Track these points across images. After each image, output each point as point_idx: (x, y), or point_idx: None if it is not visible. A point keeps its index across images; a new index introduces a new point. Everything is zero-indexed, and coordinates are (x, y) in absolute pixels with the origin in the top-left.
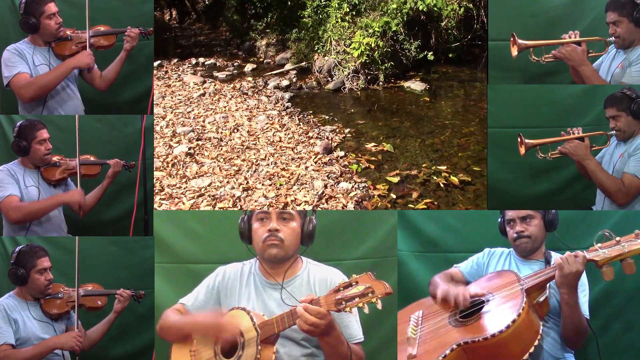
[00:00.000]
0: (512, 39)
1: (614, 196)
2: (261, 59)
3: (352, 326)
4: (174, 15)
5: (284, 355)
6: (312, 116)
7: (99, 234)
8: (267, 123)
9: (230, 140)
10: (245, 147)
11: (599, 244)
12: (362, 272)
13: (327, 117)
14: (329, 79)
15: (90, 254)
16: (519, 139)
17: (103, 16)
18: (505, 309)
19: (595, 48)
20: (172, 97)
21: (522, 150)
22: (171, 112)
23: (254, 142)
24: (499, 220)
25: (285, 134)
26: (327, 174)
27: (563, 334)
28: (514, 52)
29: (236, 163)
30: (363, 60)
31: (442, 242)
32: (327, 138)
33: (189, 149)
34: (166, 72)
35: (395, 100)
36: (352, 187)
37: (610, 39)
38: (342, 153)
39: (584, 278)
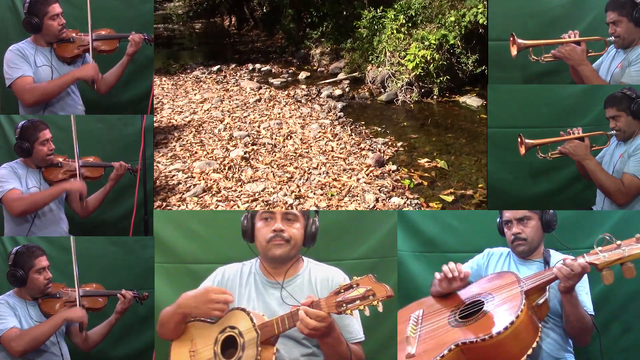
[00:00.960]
0: (511, 38)
1: (613, 196)
2: (315, 67)
3: (352, 326)
4: (233, 22)
5: (284, 355)
6: (364, 127)
7: (99, 234)
8: (319, 132)
9: (284, 147)
10: (298, 154)
11: (600, 248)
12: (362, 272)
13: (379, 129)
14: (382, 90)
15: (91, 254)
16: (519, 139)
17: (103, 16)
18: (505, 310)
19: (595, 48)
20: (229, 101)
21: (522, 150)
22: (228, 116)
23: (307, 150)
24: (498, 220)
25: (337, 144)
26: (378, 188)
27: (568, 331)
28: (514, 51)
29: (289, 170)
30: (417, 73)
31: (442, 242)
32: (379, 150)
33: (245, 153)
34: (224, 76)
35: (450, 115)
36: (404, 203)
37: (610, 38)
38: (394, 167)
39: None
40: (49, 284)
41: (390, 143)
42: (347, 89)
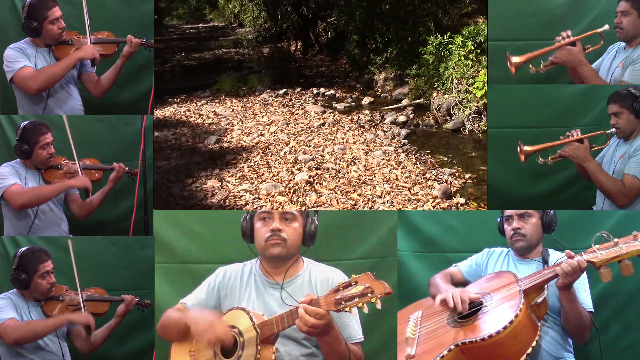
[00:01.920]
0: (507, 57)
1: (614, 197)
2: (378, 93)
3: (351, 326)
4: (298, 47)
5: (284, 354)
6: (429, 156)
7: (99, 234)
8: (383, 159)
9: (347, 172)
10: (361, 181)
11: (597, 246)
12: (362, 272)
13: (445, 158)
14: (448, 118)
15: (91, 254)
16: (518, 148)
17: (102, 17)
18: (503, 310)
19: (593, 43)
20: (295, 125)
21: (522, 157)
22: (294, 139)
23: (370, 177)
24: (499, 219)
25: (401, 172)
26: None
27: (567, 328)
28: (512, 70)
29: (353, 197)
30: (486, 101)
31: (442, 242)
32: (446, 182)
33: (309, 177)
34: (290, 99)
35: None
36: None
37: (605, 29)
38: (462, 200)
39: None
40: (53, 287)
41: (457, 174)
42: (411, 116)
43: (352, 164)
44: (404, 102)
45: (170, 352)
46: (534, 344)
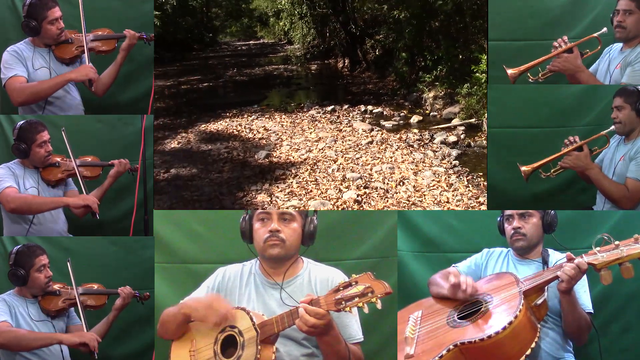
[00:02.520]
0: (505, 69)
1: (619, 202)
2: (427, 112)
3: (351, 326)
4: (346, 64)
5: (284, 355)
6: (482, 179)
7: (99, 234)
8: (433, 180)
9: (396, 192)
10: (411, 202)
11: (598, 248)
12: (362, 272)
13: None
14: None
15: (91, 254)
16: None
17: (103, 16)
18: (503, 311)
19: (591, 47)
20: (342, 142)
21: (525, 176)
22: (342, 156)
23: (420, 199)
24: (498, 219)
25: (452, 195)
26: None
27: (566, 330)
28: (512, 80)
29: None
30: None
31: (442, 242)
32: None
33: (357, 195)
34: (338, 116)
35: None
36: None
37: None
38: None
39: None
40: (49, 281)
41: None
42: (462, 136)
43: (401, 184)
44: (455, 121)
45: (170, 352)
46: (533, 345)
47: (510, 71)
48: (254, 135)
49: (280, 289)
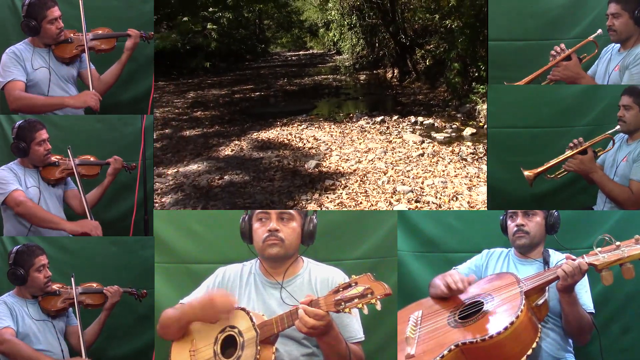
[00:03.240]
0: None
1: (624, 205)
2: (481, 124)
3: (352, 326)
4: (395, 74)
5: (284, 354)
6: None
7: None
8: None
9: (450, 209)
10: None
11: (599, 248)
12: (362, 272)
13: None
14: None
15: (90, 254)
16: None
17: (103, 16)
18: (504, 311)
19: (589, 51)
20: (392, 153)
21: (529, 183)
22: (392, 168)
23: None
24: (501, 217)
25: None
26: None
27: (567, 330)
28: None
29: None
30: None
31: (442, 242)
32: None
33: (408, 209)
34: (387, 127)
35: None
36: None
37: (599, 33)
38: None
39: None
40: (49, 281)
41: None
42: None
43: (454, 199)
44: None
45: (170, 352)
46: (534, 345)
47: (527, 173)
48: (304, 144)
49: (281, 288)
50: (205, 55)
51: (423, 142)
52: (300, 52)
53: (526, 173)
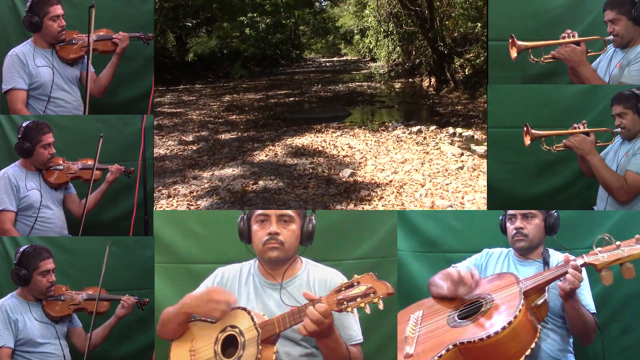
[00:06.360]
0: (510, 40)
1: (615, 193)
2: None
3: (351, 327)
4: (432, 83)
5: (283, 355)
6: None
7: (99, 234)
8: None
9: None
10: None
11: (599, 248)
12: (362, 272)
13: None
14: None
15: (91, 254)
16: (524, 129)
17: (102, 16)
18: (503, 311)
19: (594, 47)
20: (430, 165)
21: (527, 140)
22: (429, 181)
23: None
24: (500, 218)
25: None
26: None
27: (572, 331)
28: (513, 53)
29: None
30: None
31: (442, 242)
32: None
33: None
34: (424, 138)
35: None
36: None
37: (609, 37)
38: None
39: (583, 274)
40: (52, 287)
41: None
42: None
43: None
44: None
45: (170, 352)
46: (533, 345)
47: (520, 42)
48: (338, 152)
49: (280, 289)
50: (242, 60)
51: (462, 154)
52: (334, 58)
53: (533, 131)
